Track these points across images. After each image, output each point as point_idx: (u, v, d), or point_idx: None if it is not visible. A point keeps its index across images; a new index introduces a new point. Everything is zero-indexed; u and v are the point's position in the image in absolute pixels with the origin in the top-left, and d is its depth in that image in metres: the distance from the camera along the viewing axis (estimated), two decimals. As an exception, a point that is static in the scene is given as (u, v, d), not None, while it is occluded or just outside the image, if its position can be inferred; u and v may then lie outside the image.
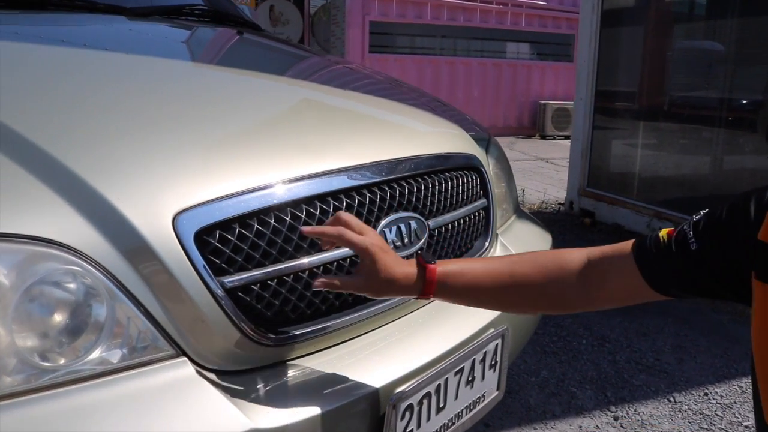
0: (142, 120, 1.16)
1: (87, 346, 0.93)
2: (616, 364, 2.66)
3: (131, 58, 1.54)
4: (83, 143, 1.04)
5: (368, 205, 1.20)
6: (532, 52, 11.21)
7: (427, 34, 10.35)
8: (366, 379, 1.09)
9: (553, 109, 10.56)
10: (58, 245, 0.91)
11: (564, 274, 1.05)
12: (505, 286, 1.07)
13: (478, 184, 1.59)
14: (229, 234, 1.02)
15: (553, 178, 6.94)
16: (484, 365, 1.34)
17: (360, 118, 1.53)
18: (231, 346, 1.01)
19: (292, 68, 1.96)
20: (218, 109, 1.29)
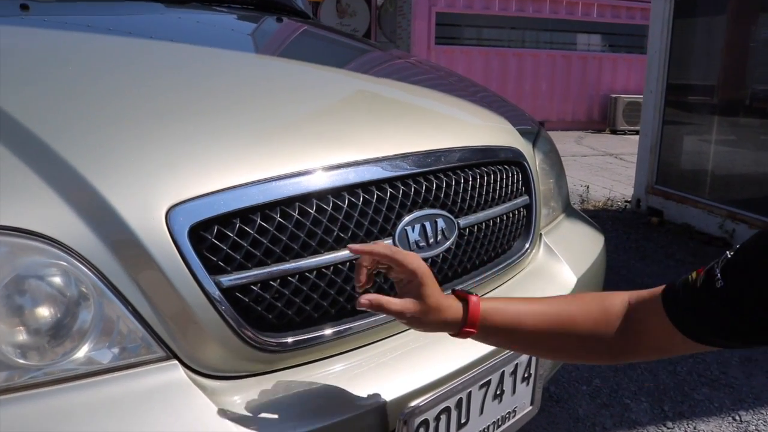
0: (144, 109, 1.09)
1: (71, 345, 0.87)
2: (677, 375, 2.48)
3: (145, 44, 1.48)
4: (78, 130, 0.99)
5: (388, 200, 1.11)
6: (604, 44, 10.83)
7: (495, 25, 10.13)
8: (375, 392, 0.99)
9: (624, 102, 10.18)
10: (44, 238, 0.85)
11: (608, 320, 0.94)
12: (550, 328, 0.96)
13: (520, 179, 1.47)
14: (229, 230, 0.94)
15: (621, 175, 6.66)
16: (515, 378, 1.23)
17: (391, 107, 1.43)
18: (226, 351, 0.93)
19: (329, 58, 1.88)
20: (230, 98, 1.22)
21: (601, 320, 0.94)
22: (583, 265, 1.58)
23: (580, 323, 0.94)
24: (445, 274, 1.22)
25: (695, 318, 0.85)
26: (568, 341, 0.96)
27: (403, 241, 1.12)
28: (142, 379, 0.89)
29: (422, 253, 1.15)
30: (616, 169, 7.13)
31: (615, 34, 10.79)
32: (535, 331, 0.96)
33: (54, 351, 0.86)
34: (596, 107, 10.79)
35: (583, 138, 9.81)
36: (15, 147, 0.92)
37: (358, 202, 1.07)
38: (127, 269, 0.88)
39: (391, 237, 1.10)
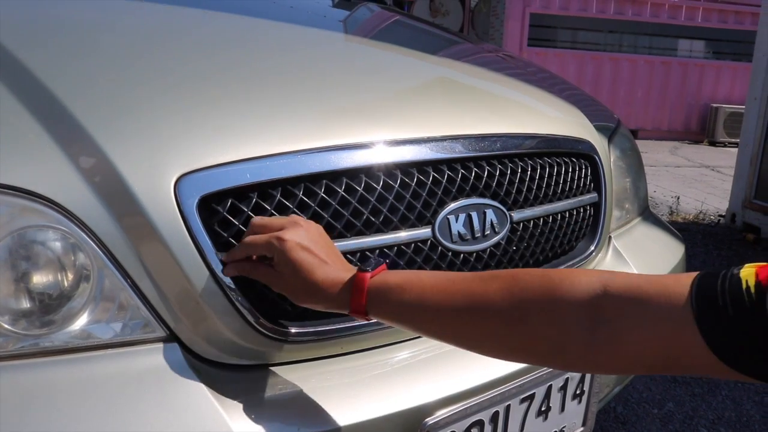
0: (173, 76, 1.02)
1: (66, 317, 0.81)
2: (764, 406, 2.25)
3: (189, 14, 1.42)
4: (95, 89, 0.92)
5: (430, 185, 1.00)
6: (708, 51, 10.28)
7: (591, 28, 9.79)
8: (396, 396, 0.88)
9: (726, 113, 9.62)
10: (46, 201, 0.79)
11: (557, 307, 0.69)
12: (465, 308, 0.75)
13: (590, 175, 1.33)
14: (244, 205, 0.86)
15: (716, 188, 6.27)
16: (564, 393, 1.09)
17: (453, 88, 1.31)
18: (231, 336, 0.85)
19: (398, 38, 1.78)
20: (274, 70, 1.13)
21: (542, 305, 0.70)
22: (657, 272, 1.42)
23: (503, 304, 0.72)
24: (492, 272, 1.09)
25: (750, 344, 0.58)
26: (490, 329, 0.74)
27: (445, 231, 1.00)
28: (139, 358, 0.81)
29: (466, 246, 1.03)
30: (711, 181, 6.72)
31: (721, 41, 10.22)
32: (447, 312, 0.76)
33: (48, 321, 0.80)
34: (695, 117, 10.26)
35: (678, 148, 9.33)
36: (31, 104, 0.86)
37: (395, 184, 0.96)
38: (130, 241, 0.81)
39: (430, 225, 0.99)
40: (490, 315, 0.73)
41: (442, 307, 0.76)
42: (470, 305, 0.74)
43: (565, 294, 0.69)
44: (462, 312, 0.75)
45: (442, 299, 0.76)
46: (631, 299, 0.66)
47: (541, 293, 0.71)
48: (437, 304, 0.77)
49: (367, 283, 0.80)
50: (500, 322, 0.73)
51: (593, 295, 0.68)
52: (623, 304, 0.66)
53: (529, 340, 0.72)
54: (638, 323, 0.64)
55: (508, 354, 0.76)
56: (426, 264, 0.99)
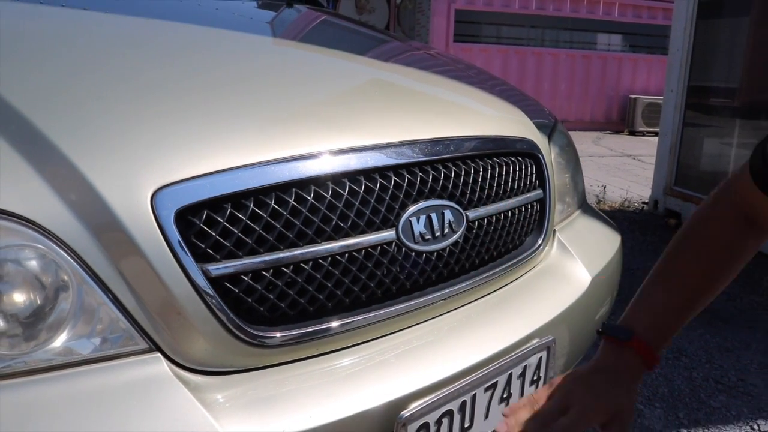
0: (135, 87, 1.03)
1: (47, 334, 0.81)
2: (693, 381, 2.40)
3: (155, 24, 1.43)
4: (62, 106, 0.93)
5: (392, 189, 1.04)
6: (624, 44, 10.70)
7: (515, 23, 10.04)
8: (372, 392, 0.93)
9: (644, 104, 10.04)
10: (20, 219, 0.80)
11: (738, 240, 0.89)
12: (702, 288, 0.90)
13: (534, 172, 1.40)
14: (219, 215, 0.88)
15: (638, 176, 6.55)
16: (523, 380, 1.16)
17: (402, 94, 1.36)
18: (213, 344, 0.87)
19: (341, 43, 1.82)
20: (232, 82, 1.15)
21: (736, 243, 0.89)
22: (598, 264, 1.51)
23: (726, 264, 0.89)
24: (452, 270, 1.15)
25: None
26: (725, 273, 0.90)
27: (408, 232, 1.05)
28: (123, 371, 0.83)
29: (428, 246, 1.08)
30: (633, 170, 7.02)
31: (636, 34, 10.65)
32: (695, 298, 0.90)
33: (29, 339, 0.81)
34: (615, 108, 10.66)
35: (601, 138, 9.69)
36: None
37: (360, 190, 1.00)
38: (109, 255, 0.83)
39: (394, 228, 1.04)
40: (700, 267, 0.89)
41: (691, 297, 0.89)
42: (705, 281, 0.89)
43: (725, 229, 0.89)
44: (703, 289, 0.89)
45: (686, 296, 0.89)
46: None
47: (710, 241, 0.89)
48: (687, 301, 0.89)
49: (651, 351, 0.87)
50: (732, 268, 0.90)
51: (736, 216, 0.88)
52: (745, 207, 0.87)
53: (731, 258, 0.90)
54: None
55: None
56: (392, 264, 1.04)
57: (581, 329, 1.41)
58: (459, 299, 1.17)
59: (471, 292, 1.19)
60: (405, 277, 1.06)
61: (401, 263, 1.05)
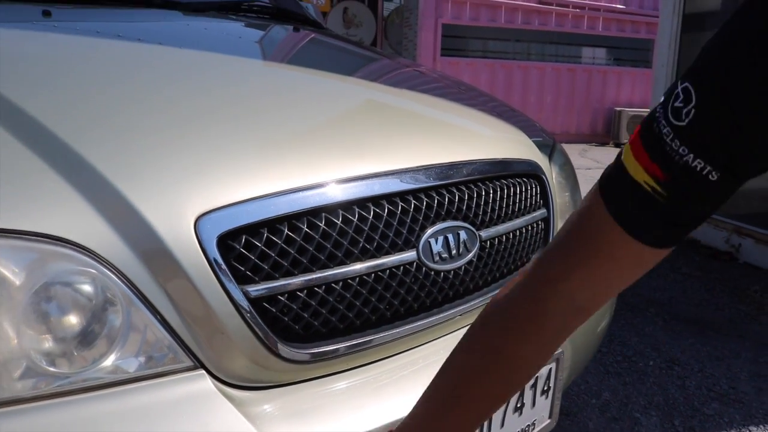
0: (172, 117, 1.09)
1: (99, 354, 0.87)
2: (686, 389, 2.48)
3: (172, 53, 1.49)
4: (107, 139, 0.98)
5: (413, 212, 1.11)
6: (609, 58, 10.87)
7: (501, 37, 10.17)
8: (399, 404, 0.99)
9: (628, 116, 10.20)
10: (73, 245, 0.85)
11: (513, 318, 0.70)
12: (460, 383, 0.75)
13: (539, 192, 1.47)
14: (257, 239, 0.94)
15: (626, 188, 6.65)
16: (535, 391, 1.22)
17: (412, 119, 1.43)
18: (253, 361, 0.93)
19: (346, 67, 1.88)
20: (255, 109, 1.22)
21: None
22: (599, 279, 1.57)
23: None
24: (467, 287, 1.21)
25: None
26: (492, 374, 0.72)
27: (427, 252, 1.12)
28: (170, 388, 0.88)
29: (445, 265, 1.15)
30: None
31: (620, 48, 10.83)
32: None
33: (82, 359, 0.86)
34: (600, 120, 10.81)
35: (587, 151, 9.82)
36: (43, 153, 0.92)
37: (383, 213, 1.07)
38: (155, 277, 0.88)
39: (415, 249, 1.10)
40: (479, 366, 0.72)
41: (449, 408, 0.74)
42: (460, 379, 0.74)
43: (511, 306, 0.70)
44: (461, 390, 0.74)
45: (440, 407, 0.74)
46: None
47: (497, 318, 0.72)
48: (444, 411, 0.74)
49: None
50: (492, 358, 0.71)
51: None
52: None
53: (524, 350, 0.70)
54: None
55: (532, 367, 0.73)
56: (413, 283, 1.10)
57: (584, 342, 1.47)
58: (473, 315, 1.23)
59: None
60: (425, 294, 1.13)
61: (422, 282, 1.12)
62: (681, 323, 3.11)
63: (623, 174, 0.59)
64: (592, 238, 0.63)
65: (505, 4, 9.99)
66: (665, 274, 3.84)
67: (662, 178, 0.56)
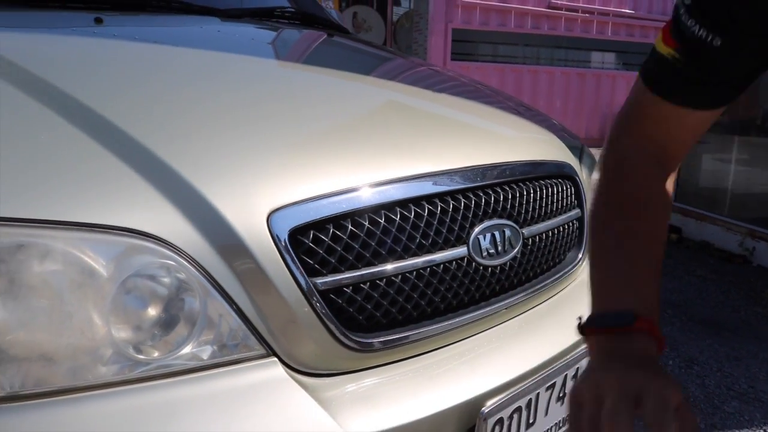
0: (235, 118, 1.15)
1: (179, 341, 0.92)
2: (706, 388, 2.53)
3: (224, 57, 1.55)
4: (179, 139, 1.04)
5: (463, 210, 1.16)
6: (618, 62, 10.90)
7: (510, 42, 10.21)
8: (456, 390, 1.05)
9: (637, 120, 10.23)
10: (155, 239, 0.91)
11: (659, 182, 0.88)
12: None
13: (573, 193, 1.52)
14: (323, 234, 1.00)
15: (637, 192, 6.70)
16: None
17: (451, 122, 1.49)
18: (321, 349, 0.99)
19: (382, 71, 1.94)
20: (310, 110, 1.28)
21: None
22: (630, 277, 1.63)
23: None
24: (511, 282, 1.27)
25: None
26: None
27: (476, 248, 1.17)
28: (245, 375, 0.94)
29: (492, 260, 1.20)
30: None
31: (629, 53, 10.86)
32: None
33: (163, 347, 0.92)
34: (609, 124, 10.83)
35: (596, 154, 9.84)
36: (122, 154, 0.97)
37: (437, 211, 1.12)
38: (231, 270, 0.94)
39: (465, 245, 1.16)
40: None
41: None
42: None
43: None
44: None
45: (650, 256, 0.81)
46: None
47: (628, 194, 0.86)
48: (650, 270, 0.80)
49: (651, 327, 0.73)
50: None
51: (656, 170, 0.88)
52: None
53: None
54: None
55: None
56: (464, 277, 1.16)
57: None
58: (516, 309, 1.29)
59: (525, 303, 1.31)
60: (475, 288, 1.18)
61: (472, 276, 1.17)
62: (698, 324, 3.16)
63: (654, 52, 0.79)
64: (636, 104, 0.86)
65: (514, 8, 10.03)
66: (680, 277, 3.88)
67: (679, 48, 0.75)
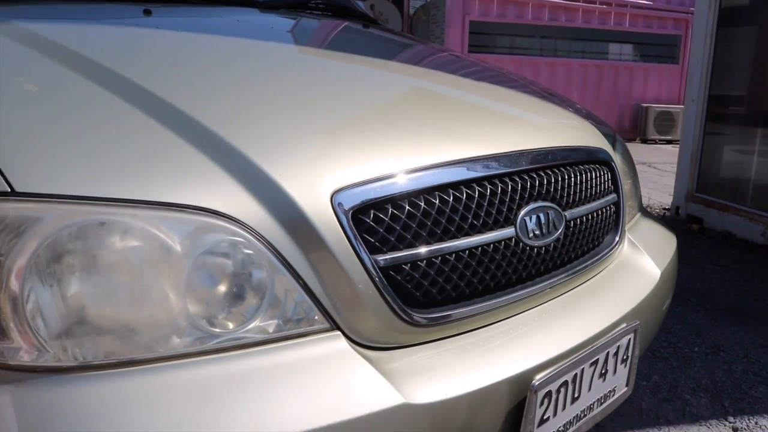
0: (295, 103, 1.20)
1: (249, 315, 0.97)
2: (733, 374, 2.55)
3: (273, 45, 1.60)
4: (244, 123, 1.09)
5: (510, 192, 1.21)
6: (636, 54, 10.88)
7: (528, 34, 10.22)
8: (508, 364, 1.09)
9: (655, 112, 10.22)
10: (226, 217, 0.96)
11: None
12: None
13: (610, 178, 1.56)
14: (382, 214, 1.05)
15: (656, 183, 6.71)
16: (616, 359, 1.32)
17: (494, 109, 1.53)
18: (381, 324, 1.03)
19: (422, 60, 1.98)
20: (363, 96, 1.33)
21: None
22: (664, 260, 1.67)
23: None
24: (554, 263, 1.31)
25: None
26: None
27: (523, 229, 1.22)
28: (311, 347, 0.98)
29: (538, 241, 1.25)
30: (651, 177, 7.18)
31: (647, 44, 10.83)
32: None
33: (234, 320, 0.97)
34: (627, 116, 10.84)
35: (614, 146, 9.84)
36: (194, 140, 1.02)
37: (487, 192, 1.17)
38: (297, 246, 0.99)
39: (513, 226, 1.20)
40: None
41: None
42: None
43: None
44: None
45: None
46: None
47: None
48: None
49: None
50: None
51: None
52: None
53: None
54: None
55: None
56: (512, 257, 1.20)
57: (653, 317, 1.57)
58: (558, 289, 1.33)
59: (567, 283, 1.36)
60: (522, 268, 1.23)
61: (519, 256, 1.22)
62: (722, 312, 3.18)
63: None
64: None
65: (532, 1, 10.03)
66: (703, 266, 3.90)
67: None
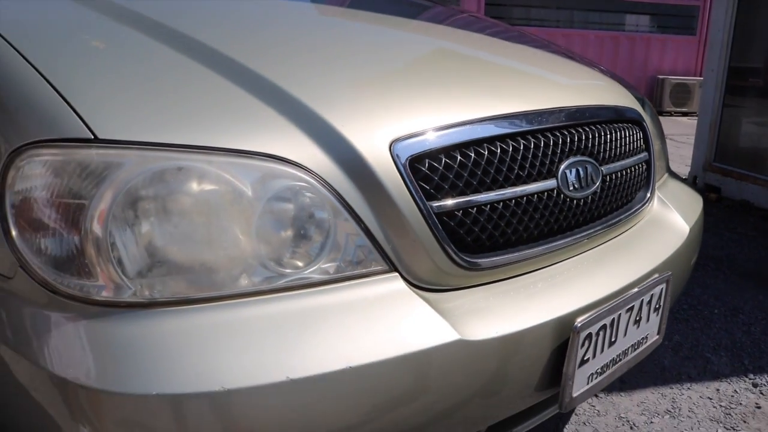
0: (354, 60, 1.27)
1: (313, 256, 1.04)
2: (752, 335, 2.62)
3: (327, 8, 1.66)
4: (305, 78, 1.15)
5: (552, 146, 1.27)
6: (652, 25, 10.81)
7: (544, 5, 10.17)
8: (552, 306, 1.16)
9: (672, 84, 10.17)
10: (291, 163, 1.03)
11: None
12: None
13: (641, 137, 1.62)
14: (436, 163, 1.11)
15: (673, 154, 6.74)
16: (650, 307, 1.39)
17: (533, 69, 1.59)
18: (436, 267, 1.11)
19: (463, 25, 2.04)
20: (415, 55, 1.40)
21: None
22: (691, 217, 1.73)
23: None
24: (592, 215, 1.38)
25: None
26: None
27: (564, 181, 1.28)
28: (372, 287, 1.06)
29: (577, 193, 1.31)
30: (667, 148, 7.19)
31: (664, 15, 10.75)
32: None
33: (300, 260, 1.04)
34: (643, 88, 10.80)
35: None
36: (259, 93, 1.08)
37: (531, 145, 1.23)
38: (359, 192, 1.06)
39: (554, 178, 1.27)
40: None
41: None
42: None
43: None
44: None
45: None
46: None
47: None
48: None
49: None
50: None
51: None
52: None
53: None
54: None
55: None
56: (554, 207, 1.27)
57: (683, 271, 1.63)
58: (595, 240, 1.40)
59: (603, 235, 1.42)
60: (563, 218, 1.29)
61: (560, 206, 1.28)
62: (741, 277, 3.25)
63: None
64: None
65: (548, -29, 9.97)
66: (721, 234, 3.95)
67: None
